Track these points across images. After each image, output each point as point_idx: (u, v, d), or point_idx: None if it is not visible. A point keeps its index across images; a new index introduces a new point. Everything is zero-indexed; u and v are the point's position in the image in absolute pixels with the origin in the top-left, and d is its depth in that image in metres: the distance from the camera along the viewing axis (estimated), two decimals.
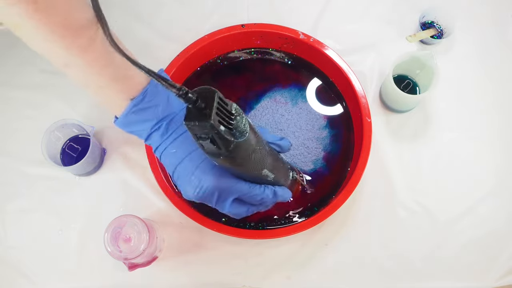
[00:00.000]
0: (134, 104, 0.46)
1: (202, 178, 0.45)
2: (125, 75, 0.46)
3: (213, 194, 0.45)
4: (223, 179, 0.45)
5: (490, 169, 0.68)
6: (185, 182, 0.46)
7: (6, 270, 0.63)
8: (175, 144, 0.47)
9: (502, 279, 0.64)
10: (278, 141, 0.52)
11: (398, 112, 0.70)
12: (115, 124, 0.48)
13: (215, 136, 0.37)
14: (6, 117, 0.69)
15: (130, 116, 0.47)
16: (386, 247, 0.65)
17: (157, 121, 0.47)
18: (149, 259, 0.60)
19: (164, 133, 0.47)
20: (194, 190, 0.45)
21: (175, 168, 0.47)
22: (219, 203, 0.47)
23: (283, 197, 0.51)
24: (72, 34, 0.41)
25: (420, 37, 0.72)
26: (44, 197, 0.66)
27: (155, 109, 0.47)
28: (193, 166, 0.45)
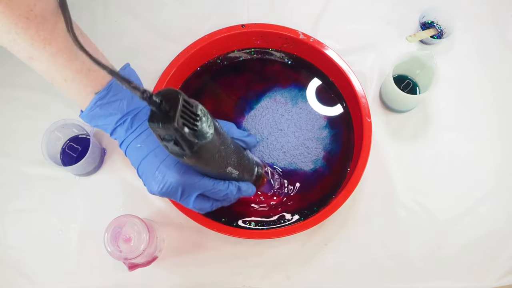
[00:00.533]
0: (99, 98, 0.46)
1: (166, 174, 0.45)
2: (90, 68, 0.46)
3: (177, 190, 0.45)
4: (188, 175, 0.45)
5: (490, 169, 0.68)
6: (149, 177, 0.46)
7: (6, 270, 0.63)
8: (140, 139, 0.47)
9: (502, 279, 0.64)
10: (245, 137, 0.52)
11: (398, 112, 0.70)
12: (81, 118, 0.49)
13: (179, 138, 0.37)
14: (6, 117, 0.69)
15: (94, 110, 0.47)
16: (386, 247, 0.65)
17: (121, 116, 0.47)
18: (149, 259, 0.60)
19: (129, 128, 0.47)
20: (158, 186, 0.45)
21: (139, 163, 0.47)
22: (183, 198, 0.47)
23: (247, 192, 0.52)
24: (35, 26, 0.41)
25: (420, 37, 0.72)
26: (44, 197, 0.66)
27: (120, 103, 0.47)
28: (157, 161, 0.45)
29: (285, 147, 0.66)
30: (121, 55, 0.72)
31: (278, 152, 0.66)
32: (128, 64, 0.52)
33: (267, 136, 0.67)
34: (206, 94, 0.69)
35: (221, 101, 0.69)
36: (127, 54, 0.72)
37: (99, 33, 0.74)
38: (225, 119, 0.67)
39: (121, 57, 0.72)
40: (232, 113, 0.68)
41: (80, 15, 0.74)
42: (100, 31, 0.74)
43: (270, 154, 0.66)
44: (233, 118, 0.68)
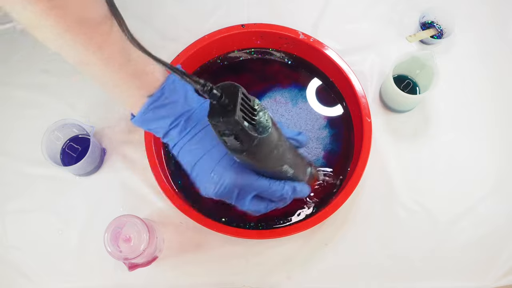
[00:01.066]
0: (152, 101, 0.46)
1: (223, 175, 0.44)
2: (142, 71, 0.45)
3: (233, 191, 0.45)
4: (244, 175, 0.45)
5: (490, 169, 0.68)
6: (205, 179, 0.45)
7: (6, 270, 0.63)
8: (194, 141, 0.46)
9: (502, 279, 0.64)
10: (297, 136, 0.52)
11: (398, 112, 0.70)
12: (133, 122, 0.48)
13: (239, 132, 0.37)
14: (6, 117, 0.69)
15: (148, 113, 0.46)
16: (386, 247, 0.65)
17: (175, 118, 0.47)
18: (149, 259, 0.60)
19: (182, 130, 0.47)
20: (215, 187, 0.45)
21: (193, 165, 0.46)
22: (239, 199, 0.46)
23: (302, 193, 0.51)
24: (88, 31, 0.41)
25: (420, 37, 0.72)
26: (44, 197, 0.66)
27: (173, 106, 0.46)
28: (213, 163, 0.45)
29: None
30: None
31: None
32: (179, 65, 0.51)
33: None
34: None
35: None
36: None
37: None
38: None
39: None
40: None
41: None
42: None
43: None
44: None
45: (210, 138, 0.46)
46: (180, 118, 0.47)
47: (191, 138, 0.47)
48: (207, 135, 0.46)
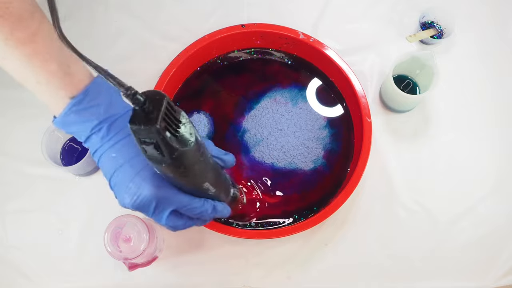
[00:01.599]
0: (75, 103, 0.44)
1: (141, 186, 0.43)
2: (66, 72, 0.43)
3: (150, 203, 0.43)
4: (163, 188, 0.43)
5: (490, 169, 0.68)
6: (123, 189, 0.43)
7: (6, 270, 0.63)
8: (116, 148, 0.44)
9: (502, 279, 0.64)
10: (223, 155, 0.50)
11: (398, 112, 0.70)
12: (53, 124, 0.46)
13: (160, 141, 0.36)
14: (6, 117, 0.69)
15: (69, 115, 0.44)
16: (386, 247, 0.65)
17: (98, 122, 0.44)
18: (149, 259, 0.60)
19: (105, 135, 0.45)
20: (132, 198, 0.43)
21: (113, 173, 0.44)
22: (156, 213, 0.44)
23: (222, 213, 0.49)
24: (10, 25, 0.39)
25: (420, 37, 0.72)
26: (44, 197, 0.66)
27: (96, 109, 0.44)
28: (132, 172, 0.43)
29: (285, 147, 0.66)
30: (121, 55, 0.72)
31: (278, 152, 0.66)
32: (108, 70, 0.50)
33: (267, 136, 0.67)
34: (206, 94, 0.69)
35: (221, 101, 0.69)
36: (127, 54, 0.72)
37: (99, 33, 0.74)
38: (225, 119, 0.68)
39: (121, 57, 0.73)
40: (232, 113, 0.68)
41: (80, 15, 0.74)
42: (100, 31, 0.74)
43: (270, 154, 0.66)
44: (233, 118, 0.68)
45: (132, 147, 0.44)
46: (103, 123, 0.45)
47: (113, 145, 0.44)
48: (130, 143, 0.45)
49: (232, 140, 0.67)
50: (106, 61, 0.77)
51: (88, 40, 0.73)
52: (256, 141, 0.67)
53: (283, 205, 0.64)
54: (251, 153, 0.66)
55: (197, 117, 0.66)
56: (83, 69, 0.45)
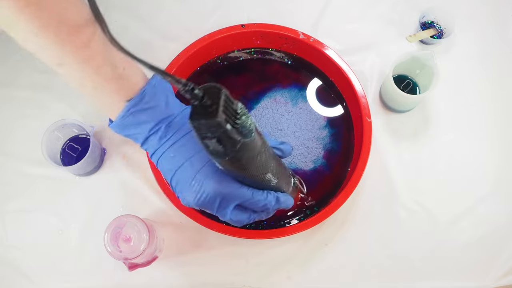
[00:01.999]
0: (132, 105, 0.44)
1: (204, 183, 0.43)
2: (122, 75, 0.44)
3: (215, 200, 0.44)
4: (226, 183, 0.43)
5: (490, 169, 0.68)
6: (185, 188, 0.44)
7: (6, 270, 0.63)
8: (174, 148, 0.45)
9: (502, 279, 0.64)
10: (279, 145, 0.50)
11: (398, 112, 0.70)
12: (111, 128, 0.47)
13: (222, 135, 0.36)
14: (6, 117, 0.69)
15: (127, 118, 0.45)
16: (386, 247, 0.65)
17: (155, 124, 0.45)
18: (149, 259, 0.60)
19: (163, 136, 0.45)
20: (196, 196, 0.43)
21: (174, 173, 0.45)
22: (220, 209, 0.45)
23: (285, 204, 0.49)
24: (66, 31, 0.40)
25: (420, 37, 0.72)
26: (44, 197, 0.66)
27: (153, 111, 0.45)
28: (194, 171, 0.43)
29: None
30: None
31: None
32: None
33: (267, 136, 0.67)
34: None
35: None
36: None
37: None
38: None
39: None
40: None
41: None
42: None
43: None
44: None
45: (191, 145, 0.45)
46: (160, 123, 0.45)
47: (171, 145, 0.45)
48: (189, 142, 0.45)
49: None
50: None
51: None
52: None
53: None
54: None
55: None
56: (137, 72, 0.46)
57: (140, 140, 0.46)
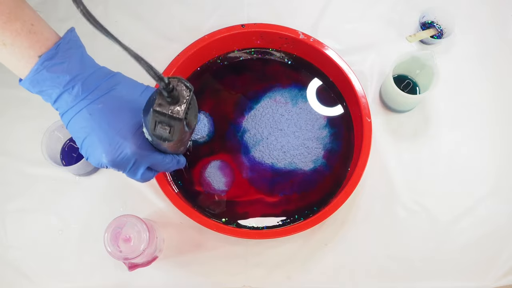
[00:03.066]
0: (46, 59, 0.43)
1: (123, 144, 0.45)
2: (31, 30, 0.43)
3: (130, 161, 0.46)
4: (143, 147, 0.46)
5: (490, 169, 0.68)
6: (102, 147, 0.45)
7: (6, 270, 0.63)
8: (92, 107, 0.44)
9: (502, 279, 0.64)
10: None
11: (398, 112, 0.70)
12: (21, 85, 0.45)
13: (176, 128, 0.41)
14: (6, 117, 0.69)
15: (40, 72, 0.43)
16: (386, 247, 0.65)
17: (70, 79, 0.44)
18: (149, 259, 0.60)
19: (79, 94, 0.44)
20: (113, 155, 0.45)
21: (88, 133, 0.45)
22: (132, 169, 0.47)
23: (182, 165, 0.53)
24: None
25: (420, 37, 0.72)
26: (44, 197, 0.66)
27: (68, 66, 0.44)
28: (112, 132, 0.45)
29: (285, 147, 0.66)
30: (121, 54, 0.72)
31: (278, 152, 0.66)
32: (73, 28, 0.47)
33: (267, 136, 0.67)
34: (206, 94, 0.69)
35: (221, 101, 0.69)
36: (127, 54, 0.72)
37: (99, 33, 0.74)
38: (225, 119, 0.68)
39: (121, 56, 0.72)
40: (232, 113, 0.68)
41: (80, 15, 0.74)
42: None
43: (270, 154, 0.66)
44: (233, 118, 0.68)
45: (110, 106, 0.45)
46: (76, 79, 0.44)
47: (89, 104, 0.44)
48: (108, 102, 0.45)
49: (232, 140, 0.67)
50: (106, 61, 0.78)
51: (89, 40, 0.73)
52: (256, 141, 0.67)
53: (283, 205, 0.64)
54: (251, 153, 0.66)
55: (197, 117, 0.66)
56: (48, 28, 0.45)
57: (53, 97, 0.45)
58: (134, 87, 0.48)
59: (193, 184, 0.65)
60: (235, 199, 0.65)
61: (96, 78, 0.46)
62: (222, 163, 0.65)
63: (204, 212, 0.63)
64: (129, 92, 0.47)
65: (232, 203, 0.64)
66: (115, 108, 0.45)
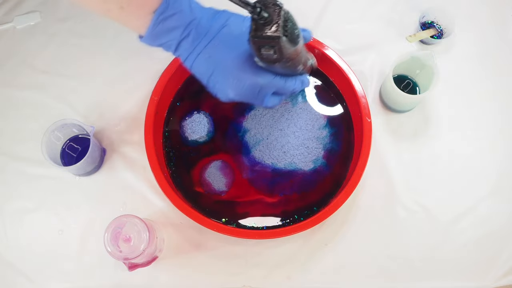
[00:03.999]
0: (160, 13, 0.46)
1: (243, 77, 0.48)
2: None
3: (254, 90, 0.49)
4: (262, 75, 0.48)
5: (490, 169, 0.68)
6: (226, 84, 0.48)
7: (6, 270, 0.63)
8: (209, 49, 0.48)
9: (502, 279, 0.64)
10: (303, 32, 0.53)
11: (398, 112, 0.70)
12: (142, 41, 0.49)
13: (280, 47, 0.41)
14: (6, 117, 0.69)
15: (157, 27, 0.47)
16: (386, 247, 0.65)
17: (184, 27, 0.47)
18: (149, 259, 0.60)
19: (195, 39, 0.48)
20: (236, 89, 0.48)
21: (212, 73, 0.48)
22: (259, 98, 0.50)
23: (307, 84, 0.55)
24: None
25: (420, 37, 0.72)
26: (44, 197, 0.66)
27: (180, 16, 0.47)
28: (231, 68, 0.48)
29: (285, 147, 0.66)
30: (121, 54, 0.72)
31: (278, 152, 0.66)
32: None
33: (267, 136, 0.67)
34: (206, 94, 0.69)
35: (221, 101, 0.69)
36: (128, 54, 0.72)
37: (99, 32, 0.74)
38: (225, 119, 0.68)
39: (121, 56, 0.73)
40: (232, 113, 0.68)
41: (81, 15, 0.75)
42: (100, 30, 0.74)
43: (270, 154, 0.66)
44: (233, 118, 0.68)
45: (225, 45, 0.48)
46: (190, 26, 0.48)
47: (205, 46, 0.48)
48: (222, 42, 0.48)
49: (232, 140, 0.67)
50: (106, 60, 0.78)
51: (89, 40, 0.73)
52: (256, 141, 0.67)
53: (283, 205, 0.64)
54: (251, 153, 0.66)
55: (197, 117, 0.66)
56: None
57: (173, 47, 0.49)
58: (242, 21, 0.51)
59: (193, 184, 0.65)
60: (235, 199, 0.65)
61: (207, 20, 0.49)
62: (222, 163, 0.65)
63: (204, 212, 0.63)
64: (238, 26, 0.50)
65: (232, 203, 0.64)
66: (229, 45, 0.48)
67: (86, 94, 0.70)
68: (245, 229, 0.63)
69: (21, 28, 0.74)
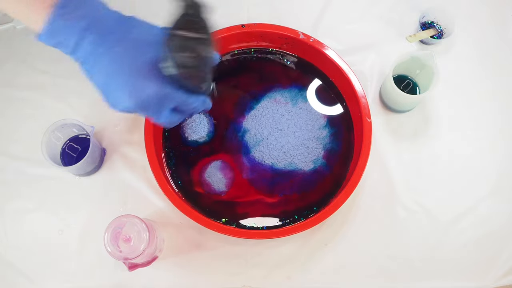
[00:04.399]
0: (61, 7, 0.42)
1: (145, 84, 0.43)
2: None
3: (153, 100, 0.44)
4: (166, 86, 0.44)
5: (490, 169, 0.68)
6: (125, 90, 0.43)
7: (6, 270, 0.63)
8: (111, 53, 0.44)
9: (502, 279, 0.64)
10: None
11: (398, 112, 0.70)
12: (39, 39, 0.44)
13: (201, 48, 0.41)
14: (6, 117, 0.69)
15: (56, 21, 0.42)
16: (386, 247, 0.65)
17: (86, 26, 0.43)
18: (149, 259, 0.60)
19: (97, 40, 0.43)
20: (137, 96, 0.43)
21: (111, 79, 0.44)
22: (156, 110, 0.45)
23: (208, 105, 0.51)
24: None
25: (420, 37, 0.72)
26: (44, 197, 0.66)
27: (82, 12, 0.43)
28: (134, 73, 0.43)
29: (285, 147, 0.66)
30: None
31: (278, 152, 0.66)
32: None
33: (267, 136, 0.67)
34: None
35: (221, 101, 0.69)
36: None
37: None
38: (226, 119, 0.68)
39: None
40: (232, 112, 0.68)
41: None
42: None
43: (270, 154, 0.66)
44: (234, 117, 0.68)
45: (129, 50, 0.44)
46: (92, 26, 0.43)
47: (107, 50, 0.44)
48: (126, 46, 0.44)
49: (232, 140, 0.67)
50: None
51: None
52: (256, 141, 0.67)
53: (283, 205, 0.64)
54: (251, 153, 0.66)
55: (197, 117, 0.66)
56: None
57: (71, 46, 0.44)
58: (150, 28, 0.47)
59: (193, 184, 0.65)
60: (235, 199, 0.65)
61: (112, 23, 0.45)
62: (223, 164, 0.65)
63: (204, 212, 0.63)
64: (146, 33, 0.47)
65: (232, 204, 0.64)
66: (133, 51, 0.44)
67: (86, 94, 0.70)
68: (245, 229, 0.63)
69: (21, 28, 0.74)
